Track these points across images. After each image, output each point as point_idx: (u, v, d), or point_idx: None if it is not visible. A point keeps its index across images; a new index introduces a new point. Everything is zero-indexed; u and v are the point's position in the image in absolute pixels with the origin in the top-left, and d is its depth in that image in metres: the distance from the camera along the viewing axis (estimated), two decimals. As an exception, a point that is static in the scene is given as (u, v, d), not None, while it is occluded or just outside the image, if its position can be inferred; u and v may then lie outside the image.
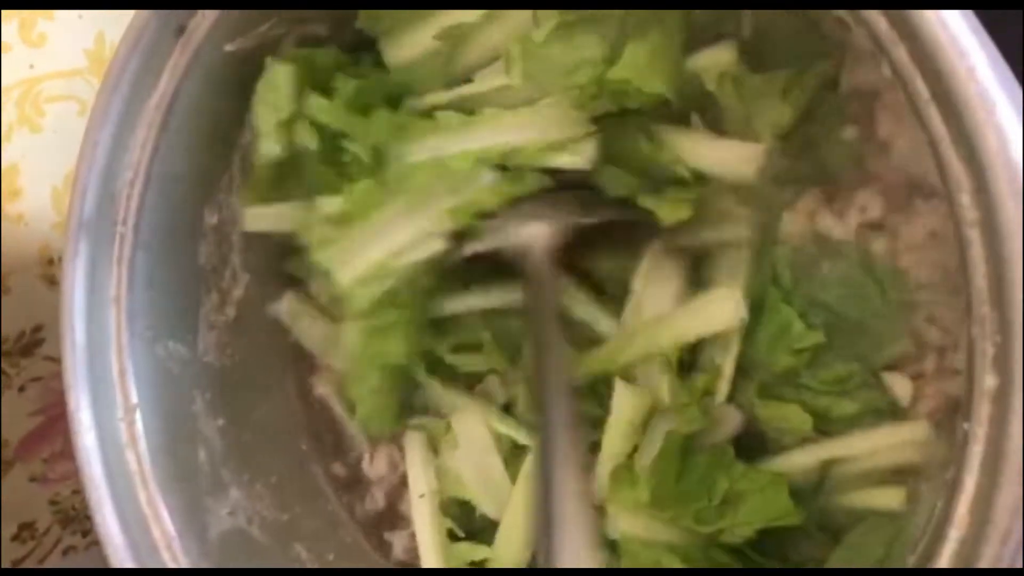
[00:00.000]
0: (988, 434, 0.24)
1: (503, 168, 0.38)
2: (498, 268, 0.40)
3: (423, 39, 0.39)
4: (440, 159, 0.37)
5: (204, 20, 0.37)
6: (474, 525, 0.43)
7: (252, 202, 0.41)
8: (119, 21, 0.38)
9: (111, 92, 0.38)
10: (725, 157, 0.35)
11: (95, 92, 0.38)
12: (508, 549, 0.41)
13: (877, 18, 0.26)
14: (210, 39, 0.38)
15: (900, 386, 0.36)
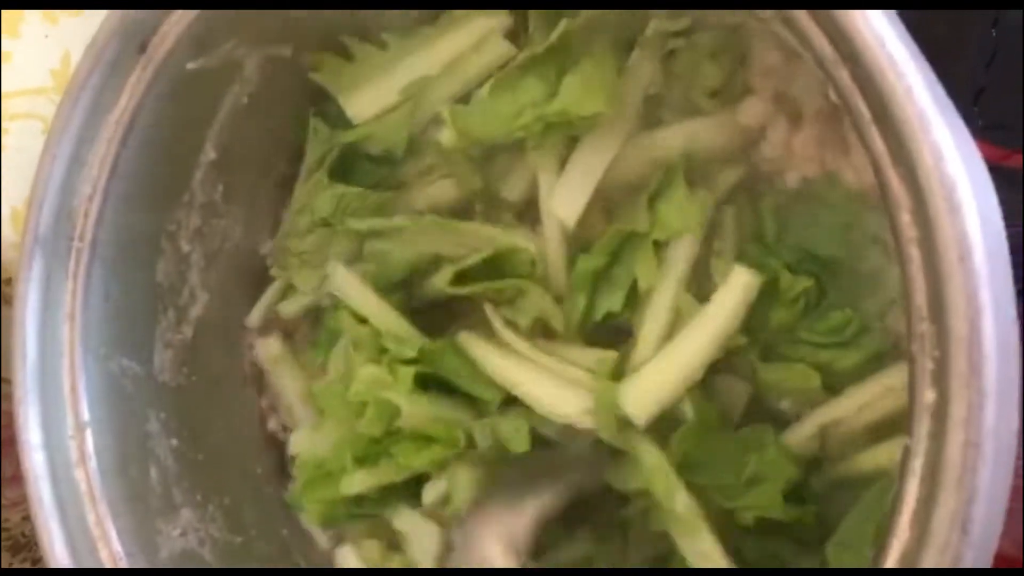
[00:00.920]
0: (927, 448, 0.25)
1: None
2: None
3: (385, 95, 0.40)
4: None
5: (166, 38, 0.37)
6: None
7: None
8: (86, 41, 0.38)
9: (71, 107, 0.38)
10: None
11: (58, 110, 0.38)
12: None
13: (822, 42, 0.27)
14: (172, 57, 0.38)
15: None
